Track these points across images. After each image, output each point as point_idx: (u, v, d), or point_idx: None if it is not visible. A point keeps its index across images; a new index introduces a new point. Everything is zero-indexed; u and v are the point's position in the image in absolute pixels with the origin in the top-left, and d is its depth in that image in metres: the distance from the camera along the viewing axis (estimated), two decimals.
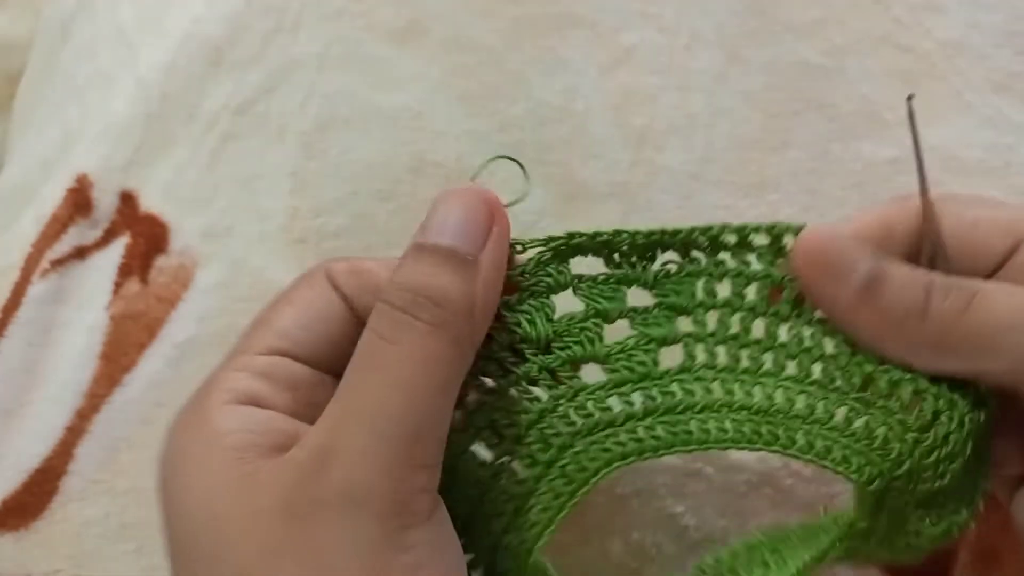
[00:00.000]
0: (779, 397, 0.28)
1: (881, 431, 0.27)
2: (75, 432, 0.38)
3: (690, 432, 0.27)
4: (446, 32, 0.43)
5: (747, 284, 0.29)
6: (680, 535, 0.37)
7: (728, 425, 0.27)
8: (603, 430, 0.28)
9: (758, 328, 0.29)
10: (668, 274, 0.29)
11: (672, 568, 0.37)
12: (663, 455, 0.28)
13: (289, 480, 0.23)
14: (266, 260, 0.40)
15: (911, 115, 0.28)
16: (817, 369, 0.29)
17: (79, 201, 0.40)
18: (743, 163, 0.41)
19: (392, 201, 0.41)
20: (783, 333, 0.29)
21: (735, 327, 0.29)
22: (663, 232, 0.29)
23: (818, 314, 0.29)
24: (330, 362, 0.28)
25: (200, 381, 0.39)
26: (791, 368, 0.29)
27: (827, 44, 0.43)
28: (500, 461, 0.28)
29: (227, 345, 0.39)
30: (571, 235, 0.29)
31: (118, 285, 0.40)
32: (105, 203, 0.41)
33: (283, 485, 0.23)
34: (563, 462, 0.27)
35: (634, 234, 0.29)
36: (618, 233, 0.29)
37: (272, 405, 0.26)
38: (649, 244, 0.29)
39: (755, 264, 0.29)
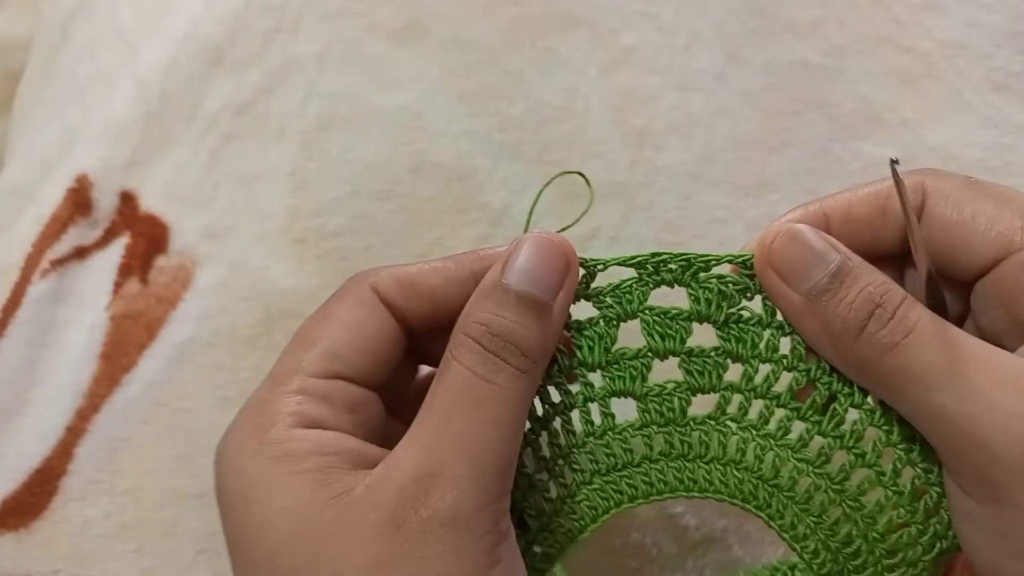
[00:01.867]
0: (785, 472, 0.29)
1: (858, 541, 0.28)
2: (75, 432, 0.38)
3: (695, 480, 0.29)
4: (446, 32, 0.43)
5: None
6: (680, 535, 0.37)
7: (731, 480, 0.29)
8: (620, 470, 0.30)
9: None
10: (740, 319, 0.29)
11: (672, 568, 0.37)
12: (667, 499, 0.30)
13: (393, 500, 0.25)
14: (266, 260, 0.40)
15: (896, 177, 0.27)
16: (836, 461, 0.29)
17: (79, 201, 0.40)
18: (743, 163, 0.41)
19: (392, 201, 0.41)
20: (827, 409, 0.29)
21: (780, 387, 0.29)
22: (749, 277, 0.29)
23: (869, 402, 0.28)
24: (380, 379, 0.29)
25: (199, 381, 0.39)
26: (812, 449, 0.29)
27: (827, 44, 0.43)
28: (533, 479, 0.30)
29: (227, 345, 0.40)
30: (654, 256, 0.29)
31: (118, 285, 0.40)
32: (105, 203, 0.41)
33: (387, 504, 0.25)
34: (579, 497, 0.30)
35: (723, 279, 0.29)
36: (702, 261, 0.29)
37: (336, 427, 0.27)
38: (739, 288, 0.29)
39: None
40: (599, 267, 0.29)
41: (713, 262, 0.29)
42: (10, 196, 0.44)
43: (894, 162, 0.26)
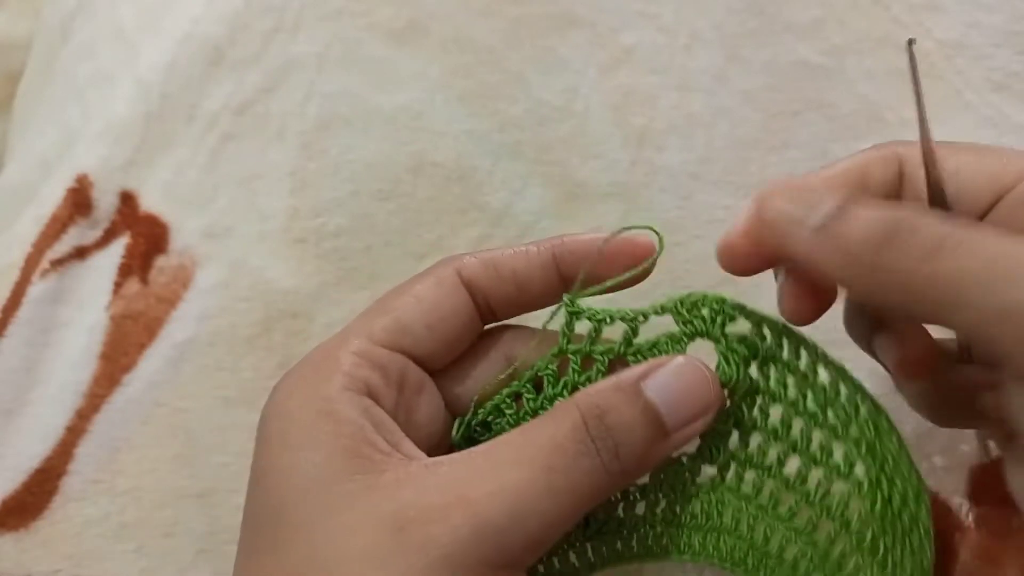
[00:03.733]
0: (775, 540, 0.29)
1: None
2: (75, 432, 0.38)
3: (690, 545, 0.29)
4: (446, 32, 0.43)
5: (795, 415, 0.28)
6: None
7: (723, 546, 0.29)
8: (618, 529, 0.29)
9: (792, 464, 0.29)
10: (753, 387, 0.28)
11: (672, 568, 0.37)
12: (659, 561, 0.30)
13: (410, 502, 0.24)
14: (266, 260, 0.40)
15: (912, 59, 0.26)
16: (824, 529, 0.28)
17: (79, 201, 0.40)
18: (743, 163, 0.41)
19: (392, 201, 0.41)
20: (812, 478, 0.28)
21: (771, 457, 0.29)
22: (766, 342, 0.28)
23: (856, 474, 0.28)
24: (444, 360, 0.29)
25: (199, 381, 0.39)
26: (801, 518, 0.29)
27: (827, 44, 0.43)
28: None
29: (227, 345, 0.40)
30: (688, 298, 0.28)
31: (118, 285, 0.40)
32: (105, 203, 0.41)
33: (403, 503, 0.24)
34: (575, 549, 0.30)
35: (747, 339, 0.27)
36: (731, 309, 0.27)
37: (382, 399, 0.27)
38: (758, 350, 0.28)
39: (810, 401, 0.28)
40: (641, 320, 0.28)
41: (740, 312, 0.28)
42: (10, 196, 0.44)
43: (911, 42, 0.25)
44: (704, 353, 0.28)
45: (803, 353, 0.28)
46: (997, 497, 0.30)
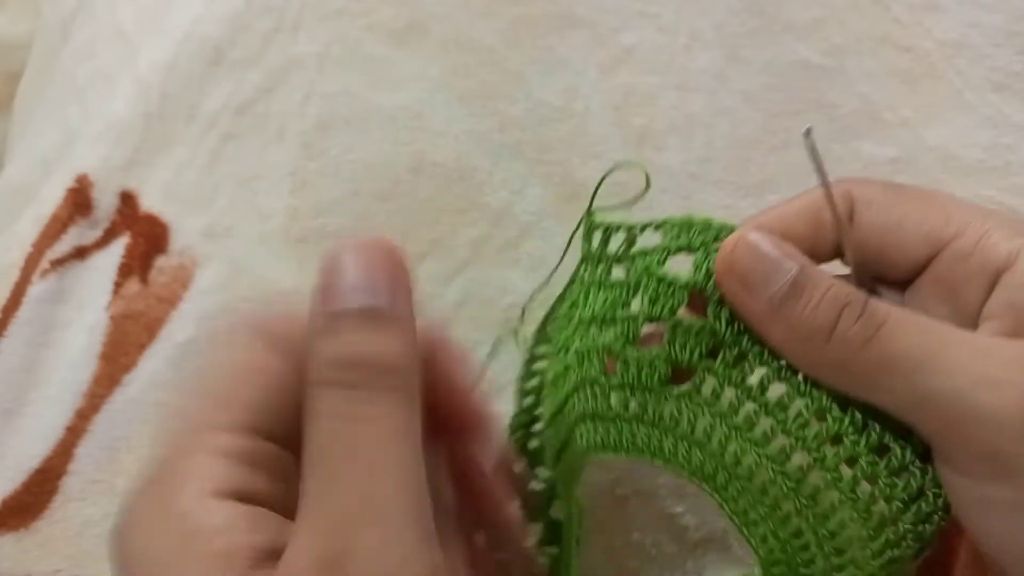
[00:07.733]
0: (747, 461, 0.29)
1: (808, 535, 0.28)
2: (75, 432, 0.38)
3: (662, 449, 0.29)
4: (446, 32, 0.43)
5: None
6: (680, 535, 0.37)
7: (694, 458, 0.29)
8: (594, 420, 0.29)
9: (775, 390, 0.28)
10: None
11: (672, 568, 0.37)
12: (628, 457, 0.30)
13: None
14: (266, 260, 0.40)
15: (811, 148, 0.27)
16: (797, 458, 0.28)
17: (79, 201, 0.40)
18: (743, 163, 0.41)
19: (392, 201, 0.41)
20: (793, 409, 0.28)
21: (753, 379, 0.28)
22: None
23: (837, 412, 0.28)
24: (288, 433, 0.24)
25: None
26: (775, 444, 0.28)
27: (827, 44, 0.43)
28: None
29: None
30: (684, 220, 0.29)
31: (118, 285, 0.40)
32: (105, 203, 0.41)
33: None
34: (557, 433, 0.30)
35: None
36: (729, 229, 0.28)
37: (252, 490, 0.23)
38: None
39: None
40: (637, 231, 0.29)
41: (725, 232, 0.28)
42: (10, 196, 0.44)
43: (808, 133, 0.26)
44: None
45: None
46: None
